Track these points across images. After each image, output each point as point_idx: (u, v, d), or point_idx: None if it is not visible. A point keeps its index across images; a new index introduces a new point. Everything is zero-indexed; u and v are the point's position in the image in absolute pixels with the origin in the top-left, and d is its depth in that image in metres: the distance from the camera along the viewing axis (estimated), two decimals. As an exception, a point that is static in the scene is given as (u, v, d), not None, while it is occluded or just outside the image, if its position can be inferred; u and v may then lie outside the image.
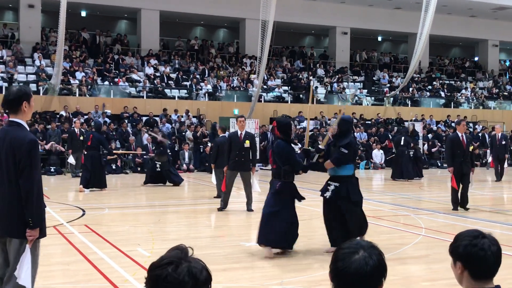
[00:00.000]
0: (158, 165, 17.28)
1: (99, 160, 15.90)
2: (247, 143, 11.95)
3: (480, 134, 29.53)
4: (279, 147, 7.79)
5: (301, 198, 8.04)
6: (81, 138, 20.14)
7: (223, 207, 12.17)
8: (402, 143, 20.55)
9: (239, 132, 12.17)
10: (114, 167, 21.81)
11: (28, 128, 4.61)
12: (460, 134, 12.34)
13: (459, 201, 12.39)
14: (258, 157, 25.24)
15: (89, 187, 15.66)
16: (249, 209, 12.15)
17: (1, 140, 4.50)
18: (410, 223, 10.73)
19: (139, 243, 8.55)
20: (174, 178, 17.52)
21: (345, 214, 8.07)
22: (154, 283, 1.92)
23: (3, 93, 24.83)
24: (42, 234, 4.58)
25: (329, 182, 8.22)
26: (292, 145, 8.28)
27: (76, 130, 20.36)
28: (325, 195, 8.17)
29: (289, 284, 6.39)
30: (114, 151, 20.23)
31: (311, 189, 16.84)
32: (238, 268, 7.14)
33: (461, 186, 12.34)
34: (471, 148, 12.81)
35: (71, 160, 19.66)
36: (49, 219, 10.65)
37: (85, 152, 15.99)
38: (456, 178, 12.12)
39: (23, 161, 4.40)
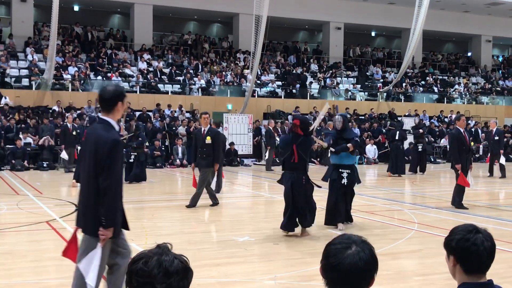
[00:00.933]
0: (133, 156, 17.17)
1: None
2: (208, 140, 11.91)
3: (473, 129, 29.62)
4: (311, 144, 9.25)
5: (319, 186, 9.35)
6: (74, 133, 20.11)
7: (215, 203, 12.09)
8: (397, 137, 20.59)
9: (202, 129, 12.11)
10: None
11: (117, 128, 4.64)
12: (461, 130, 12.23)
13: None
14: (251, 152, 25.39)
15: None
16: (215, 202, 12.14)
17: (89, 136, 4.63)
18: (403, 218, 10.76)
19: (132, 238, 8.52)
20: (140, 174, 17.17)
21: (351, 195, 9.89)
22: (130, 278, 2.06)
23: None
24: (116, 234, 4.55)
25: (341, 170, 9.64)
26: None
27: (69, 125, 20.29)
28: (343, 181, 9.60)
29: (282, 278, 6.40)
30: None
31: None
32: (231, 263, 7.14)
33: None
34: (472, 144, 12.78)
35: (64, 155, 19.62)
36: (41, 214, 10.65)
37: (79, 147, 16.03)
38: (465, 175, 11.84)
39: (103, 160, 4.43)
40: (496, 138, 20.12)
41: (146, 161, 17.86)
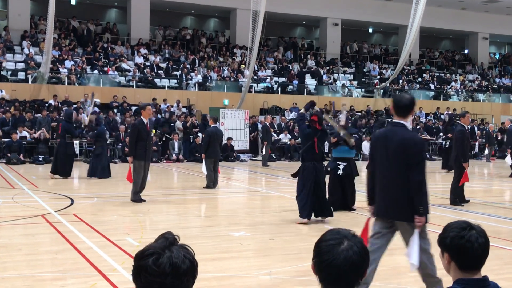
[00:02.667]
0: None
1: (65, 149, 16.06)
2: (153, 132, 11.76)
3: (469, 127, 29.64)
4: (329, 137, 10.35)
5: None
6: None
7: (138, 199, 11.66)
8: None
9: (145, 121, 11.72)
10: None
11: (410, 128, 5.29)
12: (466, 127, 12.05)
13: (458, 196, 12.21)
14: (247, 148, 25.38)
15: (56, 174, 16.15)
16: (141, 200, 11.73)
17: (389, 139, 5.23)
18: (399, 214, 10.75)
19: (128, 232, 8.54)
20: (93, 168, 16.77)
21: (346, 187, 10.85)
22: (137, 274, 1.96)
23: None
24: (427, 220, 5.24)
25: (338, 162, 10.70)
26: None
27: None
28: (338, 172, 10.68)
29: (277, 273, 6.40)
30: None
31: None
32: (227, 258, 7.14)
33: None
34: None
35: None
36: (36, 208, 10.64)
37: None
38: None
39: (416, 158, 5.12)
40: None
41: (106, 155, 17.04)
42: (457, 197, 12.21)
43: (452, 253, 2.57)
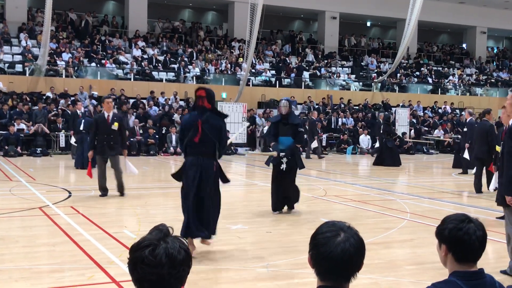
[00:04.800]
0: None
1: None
2: (115, 125, 11.31)
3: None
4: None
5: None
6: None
7: (103, 194, 11.42)
8: (381, 131, 20.57)
9: (106, 114, 11.40)
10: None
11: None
12: (491, 122, 12.94)
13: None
14: (245, 141, 25.39)
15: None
16: (122, 193, 11.54)
17: None
18: (396, 207, 10.80)
19: (125, 225, 8.55)
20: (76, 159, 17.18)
21: (292, 182, 9.83)
22: (134, 265, 2.00)
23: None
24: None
25: (281, 155, 9.63)
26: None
27: (78, 111, 20.16)
28: (281, 167, 9.62)
29: (274, 266, 6.42)
30: None
31: (298, 174, 16.89)
32: (224, 250, 7.16)
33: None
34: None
35: (73, 141, 19.62)
36: (34, 200, 10.64)
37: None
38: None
39: None
40: None
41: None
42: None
43: (450, 245, 2.59)
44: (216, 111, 7.08)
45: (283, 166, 9.60)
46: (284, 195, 9.86)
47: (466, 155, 16.39)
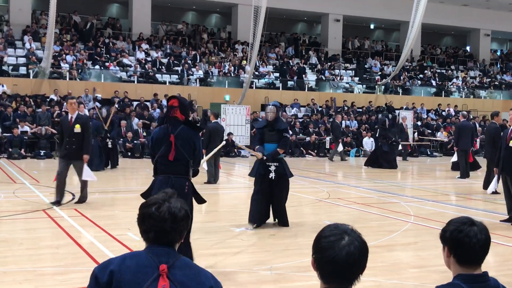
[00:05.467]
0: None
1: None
2: (77, 128, 10.52)
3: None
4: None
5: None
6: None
7: (58, 200, 10.47)
8: (377, 135, 20.64)
9: (69, 116, 10.69)
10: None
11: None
12: (498, 125, 13.55)
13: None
14: (248, 143, 25.37)
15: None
16: (82, 200, 10.76)
17: None
18: (399, 210, 10.79)
19: (129, 227, 8.54)
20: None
21: (282, 191, 8.96)
22: (142, 219, 2.47)
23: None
24: None
25: (268, 163, 8.84)
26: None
27: (81, 114, 20.26)
28: (270, 176, 8.81)
29: (278, 269, 6.42)
30: None
31: (302, 176, 16.91)
32: (227, 253, 7.16)
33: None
34: None
35: None
36: (38, 202, 10.66)
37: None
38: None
39: None
40: None
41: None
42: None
43: (450, 246, 2.60)
44: (190, 123, 6.24)
45: (272, 175, 8.78)
46: (274, 208, 8.97)
47: (454, 158, 16.36)
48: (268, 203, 8.97)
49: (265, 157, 8.79)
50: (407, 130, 22.84)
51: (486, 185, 13.46)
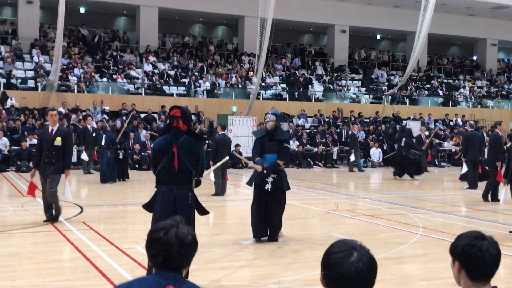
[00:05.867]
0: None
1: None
2: (58, 140, 9.96)
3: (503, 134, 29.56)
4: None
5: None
6: (94, 134, 20.28)
7: (48, 218, 10.07)
8: (402, 144, 20.53)
9: (50, 128, 10.11)
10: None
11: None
12: (500, 134, 14.22)
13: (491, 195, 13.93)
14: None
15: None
16: (51, 218, 10.07)
17: None
18: (408, 222, 10.75)
19: (137, 240, 8.55)
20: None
21: (277, 205, 8.69)
22: (150, 244, 2.52)
23: (1, 89, 24.87)
24: None
25: (265, 174, 8.58)
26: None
27: (89, 127, 20.48)
28: (266, 187, 8.56)
29: (286, 282, 6.40)
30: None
31: (309, 187, 16.89)
32: (235, 266, 7.15)
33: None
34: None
35: (84, 156, 19.81)
36: (47, 216, 10.65)
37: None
38: (497, 173, 13.41)
39: None
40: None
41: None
42: (493, 194, 13.88)
43: (462, 261, 2.59)
44: (193, 134, 6.18)
45: (268, 186, 8.54)
46: (274, 220, 8.68)
47: (464, 169, 16.30)
48: (266, 214, 8.72)
49: (265, 171, 8.56)
50: (425, 141, 22.83)
51: (486, 194, 14.09)
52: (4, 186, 15.87)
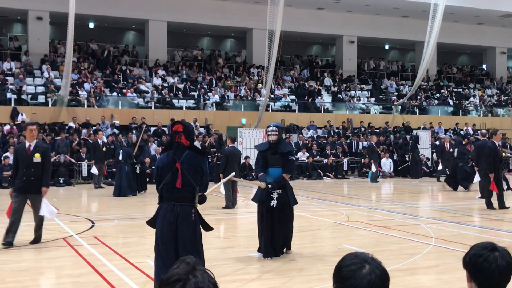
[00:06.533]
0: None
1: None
2: (37, 157, 9.32)
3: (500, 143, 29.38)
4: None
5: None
6: (104, 149, 20.40)
7: (10, 240, 9.21)
8: (455, 154, 20.53)
9: (27, 144, 9.44)
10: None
11: None
12: (497, 143, 14.19)
13: (497, 203, 14.04)
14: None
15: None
16: (36, 241, 9.45)
17: None
18: (420, 232, 10.67)
19: (148, 254, 8.54)
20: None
21: (286, 221, 8.43)
22: None
23: (12, 105, 25.07)
24: None
25: (270, 191, 8.26)
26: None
27: (99, 141, 20.57)
28: (271, 204, 8.27)
29: (299, 295, 6.36)
30: None
31: (320, 199, 16.85)
32: (247, 279, 7.12)
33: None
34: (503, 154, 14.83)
35: (94, 170, 19.89)
36: (58, 231, 10.71)
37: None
38: (496, 183, 13.74)
39: None
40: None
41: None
42: (488, 202, 14.07)
43: (470, 272, 2.58)
44: (196, 149, 6.05)
45: (273, 202, 8.24)
46: (278, 237, 8.38)
47: (477, 178, 16.18)
48: (277, 230, 8.38)
49: (270, 186, 8.23)
50: (448, 150, 22.63)
51: (489, 202, 14.17)
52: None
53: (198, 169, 5.91)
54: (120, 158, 17.74)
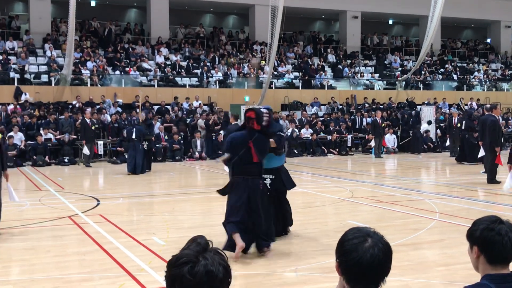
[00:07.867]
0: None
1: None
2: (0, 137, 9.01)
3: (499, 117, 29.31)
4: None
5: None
6: (93, 128, 20.29)
7: None
8: (463, 127, 20.74)
9: None
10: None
11: None
12: (497, 117, 14.38)
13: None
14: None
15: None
16: None
17: None
18: (424, 207, 10.69)
19: (154, 232, 8.60)
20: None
21: (281, 205, 8.32)
22: (172, 283, 1.89)
23: (15, 84, 25.05)
24: None
25: (264, 175, 7.84)
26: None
27: (88, 120, 20.40)
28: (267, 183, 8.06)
29: (303, 270, 6.41)
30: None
31: (324, 175, 16.87)
32: (252, 255, 7.16)
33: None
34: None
35: (86, 150, 19.83)
36: (64, 209, 10.77)
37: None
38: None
39: None
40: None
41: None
42: (493, 176, 14.08)
43: (482, 246, 2.58)
44: (264, 132, 7.25)
45: (268, 182, 8.10)
46: (276, 220, 8.11)
47: (481, 153, 16.15)
48: (275, 213, 8.07)
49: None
50: (456, 125, 22.59)
51: (493, 177, 14.24)
52: (21, 180, 16.01)
53: (265, 148, 7.24)
54: (134, 136, 17.88)
